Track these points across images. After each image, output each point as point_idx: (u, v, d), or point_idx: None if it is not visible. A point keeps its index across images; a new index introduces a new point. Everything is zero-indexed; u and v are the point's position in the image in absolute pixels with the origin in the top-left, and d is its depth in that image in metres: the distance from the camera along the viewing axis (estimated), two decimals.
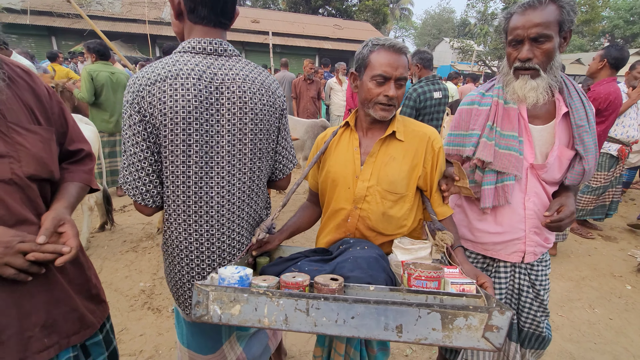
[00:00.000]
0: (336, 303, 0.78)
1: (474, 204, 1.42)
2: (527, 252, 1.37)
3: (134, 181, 1.03)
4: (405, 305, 0.76)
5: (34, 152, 0.88)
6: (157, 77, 0.98)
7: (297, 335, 2.27)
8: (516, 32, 1.19)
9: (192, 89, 0.99)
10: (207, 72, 1.02)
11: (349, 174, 1.26)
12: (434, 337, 0.77)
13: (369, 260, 1.03)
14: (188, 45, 1.04)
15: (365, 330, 0.78)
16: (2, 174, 0.81)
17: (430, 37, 44.04)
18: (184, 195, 1.06)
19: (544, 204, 1.35)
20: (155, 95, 0.97)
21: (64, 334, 0.96)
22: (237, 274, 0.88)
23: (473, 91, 1.43)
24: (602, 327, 2.47)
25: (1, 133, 0.83)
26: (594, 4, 22.66)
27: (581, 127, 1.24)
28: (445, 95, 3.23)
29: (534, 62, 1.19)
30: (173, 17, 1.07)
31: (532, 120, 1.30)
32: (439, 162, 1.28)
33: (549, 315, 1.47)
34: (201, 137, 1.02)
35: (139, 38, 14.43)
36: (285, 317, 0.80)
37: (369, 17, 25.08)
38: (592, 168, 1.28)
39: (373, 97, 1.18)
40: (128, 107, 0.99)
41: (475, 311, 0.75)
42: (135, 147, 1.00)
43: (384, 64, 1.14)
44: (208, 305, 0.82)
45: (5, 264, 0.79)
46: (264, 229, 1.16)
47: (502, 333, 0.75)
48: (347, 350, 1.26)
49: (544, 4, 1.15)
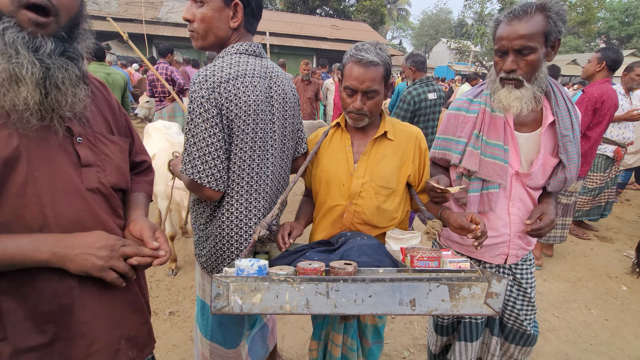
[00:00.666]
0: (354, 284, 0.83)
1: (461, 208, 1.44)
2: (510, 254, 1.41)
3: (210, 169, 1.11)
4: (417, 281, 0.84)
5: (116, 162, 0.91)
6: (230, 76, 1.11)
7: (294, 338, 2.27)
8: (501, 42, 1.19)
9: (258, 86, 1.17)
10: (262, 71, 1.21)
11: (342, 172, 1.31)
12: (443, 308, 0.85)
13: (372, 246, 1.09)
14: (242, 48, 1.19)
15: (382, 307, 0.84)
16: (90, 183, 0.83)
17: (428, 38, 44.20)
18: (248, 176, 1.20)
19: (528, 209, 1.38)
20: (231, 91, 1.11)
21: (141, 346, 0.96)
22: (256, 264, 0.91)
23: (462, 96, 1.45)
24: (598, 328, 2.49)
25: (89, 143, 0.84)
26: (590, 5, 22.84)
27: (566, 136, 1.27)
28: (440, 97, 3.25)
29: (517, 74, 1.20)
30: (228, 26, 1.17)
31: (519, 128, 1.32)
32: (426, 160, 1.38)
33: (536, 312, 1.51)
34: (264, 126, 1.21)
35: (136, 38, 14.37)
36: (307, 301, 0.84)
37: (367, 18, 25.12)
38: (573, 177, 1.32)
39: (346, 107, 1.27)
40: (204, 102, 1.08)
41: (477, 281, 0.84)
42: (213, 137, 1.10)
43: (352, 77, 1.20)
44: (229, 296, 0.84)
45: (110, 268, 0.80)
46: (264, 226, 1.18)
47: (500, 298, 0.85)
48: (344, 341, 1.32)
49: (530, 14, 1.14)
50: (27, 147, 0.73)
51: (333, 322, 1.35)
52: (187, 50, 15.24)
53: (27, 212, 0.74)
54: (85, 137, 0.84)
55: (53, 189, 0.76)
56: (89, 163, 0.83)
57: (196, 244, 1.34)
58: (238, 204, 1.21)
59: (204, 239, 1.28)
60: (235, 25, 1.17)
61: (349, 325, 1.32)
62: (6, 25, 0.66)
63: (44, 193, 0.75)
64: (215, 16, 1.13)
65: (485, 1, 25.58)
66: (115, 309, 0.89)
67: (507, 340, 1.54)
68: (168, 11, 16.62)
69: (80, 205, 0.80)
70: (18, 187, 0.72)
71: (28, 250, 0.71)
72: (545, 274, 3.16)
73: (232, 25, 1.17)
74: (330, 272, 0.93)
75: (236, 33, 1.20)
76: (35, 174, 0.74)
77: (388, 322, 2.44)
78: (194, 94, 1.09)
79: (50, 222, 0.76)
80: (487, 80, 1.38)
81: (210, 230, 1.25)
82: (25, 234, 0.73)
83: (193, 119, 1.10)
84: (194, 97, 1.09)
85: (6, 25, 0.66)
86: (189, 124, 1.11)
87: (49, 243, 0.74)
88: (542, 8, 1.14)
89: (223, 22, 1.15)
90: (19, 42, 0.67)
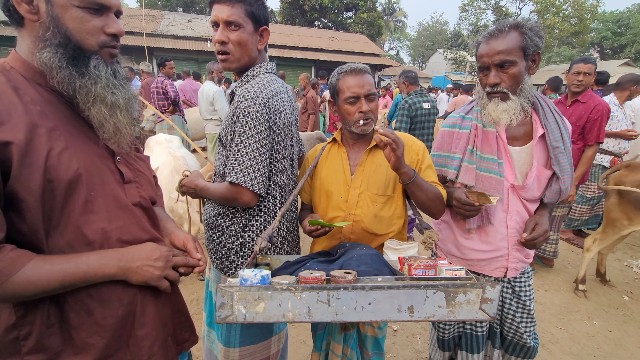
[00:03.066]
0: (354, 292, 0.85)
1: (459, 222, 1.47)
2: (510, 267, 1.43)
3: (260, 176, 1.22)
4: (415, 288, 0.86)
5: (148, 177, 1.00)
6: (272, 93, 1.25)
7: (296, 352, 2.24)
8: (482, 59, 1.27)
9: (287, 102, 1.34)
10: (284, 88, 1.36)
11: (341, 184, 1.36)
12: (440, 314, 0.87)
13: (371, 256, 1.12)
14: (270, 68, 1.35)
15: (382, 314, 0.86)
16: (133, 198, 0.90)
17: (425, 48, 44.85)
18: (282, 182, 1.35)
19: (525, 221, 1.40)
20: (276, 106, 1.25)
21: (180, 341, 1.03)
22: (259, 274, 0.92)
23: (454, 113, 1.49)
24: (601, 339, 2.47)
25: (125, 161, 0.92)
26: (583, 17, 23.29)
27: (556, 148, 1.31)
28: (433, 107, 3.57)
29: (502, 87, 1.25)
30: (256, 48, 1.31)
31: (512, 142, 1.36)
32: (425, 160, 1.36)
33: (535, 324, 1.52)
34: (292, 137, 1.38)
35: (136, 50, 14.54)
36: (308, 309, 0.85)
37: (364, 29, 25.53)
38: (568, 187, 1.35)
39: (351, 117, 1.31)
40: (258, 115, 1.19)
41: (472, 287, 0.87)
42: (264, 147, 1.22)
43: (352, 86, 1.29)
44: (233, 305, 0.85)
45: (165, 277, 0.87)
46: (265, 238, 1.20)
47: (494, 304, 0.88)
48: (344, 351, 1.34)
49: (505, 31, 1.22)
50: (84, 169, 0.78)
51: (333, 332, 1.36)
52: (187, 62, 15.42)
53: (88, 230, 0.79)
54: (122, 156, 0.92)
55: (108, 206, 0.82)
56: (129, 179, 0.91)
57: (223, 258, 1.35)
58: (273, 207, 1.34)
59: (237, 249, 1.34)
60: (262, 47, 1.32)
61: (349, 335, 1.33)
62: (96, 62, 0.80)
63: (101, 210, 0.81)
64: (249, 40, 1.26)
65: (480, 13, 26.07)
66: (165, 308, 0.96)
67: (507, 352, 1.55)
68: (168, 24, 16.87)
69: (131, 219, 0.87)
70: (80, 207, 0.77)
71: (97, 266, 0.77)
72: (547, 284, 3.15)
73: (259, 48, 1.31)
74: (331, 281, 0.95)
75: (260, 55, 1.33)
76: (92, 193, 0.79)
77: (390, 336, 2.42)
78: (248, 109, 1.18)
79: (110, 236, 0.82)
80: (475, 97, 1.42)
81: (245, 238, 1.33)
82: (91, 252, 0.79)
83: (246, 131, 1.19)
84: (248, 111, 1.18)
85: (96, 62, 0.80)
86: (240, 135, 1.19)
87: (113, 258, 0.80)
88: (516, 26, 1.22)
89: (253, 45, 1.28)
90: (110, 74, 0.81)
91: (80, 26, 0.76)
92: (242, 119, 1.19)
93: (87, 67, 0.78)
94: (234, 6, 1.20)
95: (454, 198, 1.32)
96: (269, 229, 1.23)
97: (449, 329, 1.55)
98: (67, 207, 0.76)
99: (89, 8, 0.76)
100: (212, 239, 1.37)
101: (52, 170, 0.72)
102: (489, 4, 25.65)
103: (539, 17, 24.40)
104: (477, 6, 26.00)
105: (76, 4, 0.75)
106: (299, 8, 25.22)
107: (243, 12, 1.21)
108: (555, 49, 28.90)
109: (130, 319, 0.86)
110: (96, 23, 0.78)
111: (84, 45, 0.78)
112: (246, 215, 1.32)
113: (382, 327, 1.40)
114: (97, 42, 0.79)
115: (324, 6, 24.61)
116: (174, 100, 5.01)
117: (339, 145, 1.43)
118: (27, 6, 0.74)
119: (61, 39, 0.75)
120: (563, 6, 23.30)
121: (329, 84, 1.38)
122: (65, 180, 0.74)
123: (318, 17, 25.74)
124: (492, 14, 24.75)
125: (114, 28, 0.81)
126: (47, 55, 0.75)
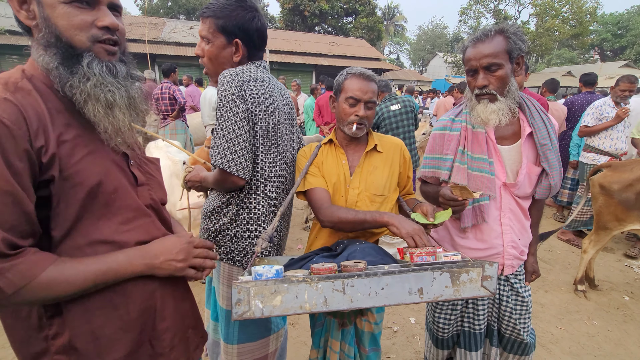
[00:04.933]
0: (368, 278, 0.89)
1: (455, 222, 1.50)
2: (506, 265, 1.46)
3: (238, 158, 1.22)
4: (423, 270, 0.92)
5: (158, 179, 1.02)
6: (251, 78, 1.25)
7: (297, 353, 2.27)
8: (470, 63, 1.31)
9: (274, 92, 1.34)
10: (274, 81, 1.39)
11: (340, 184, 1.41)
12: (447, 293, 0.93)
13: (374, 248, 1.18)
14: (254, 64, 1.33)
15: (394, 298, 0.90)
16: (145, 200, 0.91)
17: (425, 52, 44.99)
18: (270, 170, 1.36)
19: (518, 219, 1.45)
20: (253, 90, 1.24)
21: (200, 334, 1.06)
22: (273, 269, 0.95)
23: (444, 116, 1.54)
24: (601, 339, 2.48)
25: (137, 165, 0.94)
26: (582, 19, 23.33)
27: (544, 145, 1.35)
28: (405, 106, 3.71)
29: (490, 88, 1.30)
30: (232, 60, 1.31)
31: (501, 141, 1.40)
32: (410, 168, 1.51)
33: (531, 318, 1.56)
34: (281, 127, 1.37)
35: (139, 57, 14.66)
36: (325, 299, 0.88)
37: (364, 34, 25.70)
38: (557, 183, 1.40)
39: (347, 117, 1.36)
40: (234, 97, 1.19)
41: (473, 266, 0.95)
42: (241, 129, 1.21)
43: (356, 89, 1.34)
44: (250, 301, 0.87)
45: (190, 267, 0.92)
46: (265, 239, 1.23)
47: (494, 280, 0.95)
48: (342, 347, 1.38)
49: (491, 36, 1.27)
50: (104, 174, 0.80)
51: (331, 329, 1.40)
52: (189, 68, 15.56)
53: (108, 231, 0.81)
54: (134, 160, 0.93)
55: (126, 209, 0.84)
56: (142, 182, 0.92)
57: (220, 244, 1.40)
58: (264, 194, 1.36)
59: (232, 237, 1.38)
60: (237, 59, 1.31)
61: (346, 331, 1.37)
62: (89, 59, 0.76)
63: (120, 213, 0.83)
64: (220, 53, 1.29)
65: (480, 16, 26.18)
66: (184, 302, 0.99)
67: (505, 350, 1.57)
68: (170, 31, 17.06)
69: (146, 220, 0.90)
70: (100, 210, 0.79)
71: (126, 265, 0.81)
72: (547, 285, 3.16)
73: (235, 60, 1.31)
74: (343, 271, 0.98)
75: (241, 66, 1.32)
76: (112, 197, 0.81)
77: (390, 337, 2.44)
78: (224, 92, 1.19)
79: (128, 238, 0.84)
80: (464, 99, 1.46)
81: (238, 226, 1.36)
82: (118, 251, 0.81)
83: (223, 114, 1.20)
84: (224, 94, 1.19)
85: (89, 59, 0.76)
86: (218, 119, 1.21)
87: (138, 256, 0.84)
88: (501, 31, 1.27)
89: (227, 57, 1.30)
90: (105, 71, 0.77)
91: (68, 22, 0.74)
92: (219, 103, 1.21)
93: (80, 65, 0.75)
94: (204, 21, 1.27)
95: (440, 195, 1.35)
96: (268, 229, 1.26)
97: (448, 328, 1.57)
98: (89, 210, 0.78)
99: (77, 2, 0.74)
100: (207, 227, 1.41)
101: (77, 176, 0.75)
102: (488, 8, 25.76)
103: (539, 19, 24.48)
104: (477, 10, 26.11)
105: (62, 0, 0.73)
106: (299, 14, 25.45)
107: (213, 27, 1.25)
108: (555, 52, 28.93)
109: (152, 313, 0.88)
110: (85, 17, 0.75)
111: (74, 43, 0.75)
112: (238, 201, 1.34)
113: (378, 323, 1.43)
114: (88, 37, 0.75)
115: (324, 12, 24.82)
116: (182, 107, 5.12)
117: (336, 146, 1.47)
118: (24, 12, 0.75)
119: (53, 39, 0.74)
120: (562, 9, 23.38)
121: (336, 81, 1.42)
122: (88, 186, 0.76)
123: (318, 22, 25.95)
124: (492, 17, 24.85)
125: (106, 21, 0.76)
126: (43, 58, 0.75)
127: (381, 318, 1.47)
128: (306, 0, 24.53)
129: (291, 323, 2.54)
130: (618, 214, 2.71)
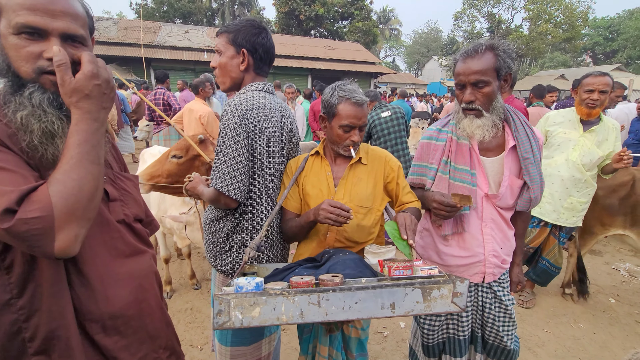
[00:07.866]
0: (342, 293, 0.93)
1: (439, 230, 1.54)
2: (487, 273, 1.50)
3: (237, 182, 1.32)
4: (395, 286, 0.96)
5: (134, 195, 1.04)
6: (254, 106, 1.35)
7: (288, 359, 2.28)
8: (459, 77, 1.35)
9: (274, 117, 1.42)
10: (276, 105, 1.46)
11: (325, 195, 1.44)
12: (418, 309, 0.96)
13: (355, 260, 1.20)
14: (260, 86, 1.45)
15: (367, 312, 0.94)
16: (117, 216, 0.94)
17: (420, 55, 45.35)
18: (267, 190, 1.46)
19: (500, 228, 1.48)
20: (256, 118, 1.35)
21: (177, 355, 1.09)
22: (253, 282, 0.99)
23: (432, 126, 1.58)
24: (586, 342, 2.53)
25: (111, 181, 0.97)
26: (574, 23, 23.69)
27: (527, 159, 1.39)
28: (395, 112, 3.80)
29: (476, 104, 1.34)
30: (238, 69, 1.42)
31: (485, 153, 1.44)
32: (401, 178, 1.48)
33: (516, 327, 1.59)
34: (278, 151, 1.47)
35: (134, 61, 14.71)
36: (301, 311, 0.92)
37: (360, 38, 25.88)
38: (537, 196, 1.43)
39: (342, 142, 1.40)
40: (236, 127, 1.30)
41: (444, 283, 0.97)
42: (241, 156, 1.32)
43: (351, 116, 1.35)
44: (230, 312, 0.91)
45: None
46: (253, 247, 1.27)
47: (464, 297, 0.98)
48: (330, 353, 1.41)
49: (481, 52, 1.30)
50: None
51: (319, 335, 1.43)
52: (185, 72, 15.59)
53: None
54: (107, 176, 0.95)
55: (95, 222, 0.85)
56: (114, 198, 0.95)
57: (216, 256, 1.48)
58: (259, 212, 1.45)
59: (227, 249, 1.46)
60: (243, 67, 1.42)
61: (334, 337, 1.41)
62: (32, 90, 0.78)
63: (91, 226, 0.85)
64: (229, 62, 1.42)
65: (474, 20, 26.49)
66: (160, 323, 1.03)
67: (489, 356, 1.60)
68: (166, 35, 17.07)
69: (115, 234, 0.93)
70: None
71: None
72: (535, 288, 3.20)
73: (241, 68, 1.42)
74: (320, 284, 1.02)
75: (247, 75, 1.44)
76: None
77: (380, 341, 2.47)
78: (227, 121, 1.30)
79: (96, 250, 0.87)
80: (452, 111, 1.51)
81: (234, 240, 1.45)
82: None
83: (225, 141, 1.31)
84: (227, 123, 1.30)
85: (32, 90, 0.78)
86: (220, 145, 1.32)
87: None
88: (491, 47, 1.30)
89: (234, 66, 1.42)
90: (45, 103, 0.78)
91: (16, 53, 0.76)
92: (222, 131, 1.32)
93: (21, 95, 0.77)
94: (220, 37, 1.44)
95: (433, 200, 1.38)
96: (256, 238, 1.30)
97: (434, 335, 1.61)
98: None
99: (26, 33, 0.75)
100: (207, 239, 1.50)
101: None
102: (482, 12, 26.07)
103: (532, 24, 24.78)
104: (471, 14, 26.42)
105: (12, 31, 0.75)
106: (295, 18, 25.58)
107: (225, 40, 1.41)
108: (548, 55, 29.31)
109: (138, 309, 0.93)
110: (32, 49, 0.76)
111: (20, 73, 0.77)
112: (233, 219, 1.43)
113: (364, 329, 1.47)
114: (34, 69, 0.77)
115: (319, 16, 24.98)
116: (177, 113, 5.15)
117: (322, 158, 1.51)
118: None
119: (5, 67, 0.77)
120: (555, 13, 23.72)
121: (327, 101, 1.39)
122: None
123: (314, 26, 26.10)
124: (485, 21, 25.14)
125: (51, 52, 0.76)
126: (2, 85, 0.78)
127: (367, 324, 1.51)
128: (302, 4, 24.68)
129: (283, 329, 2.56)
130: (603, 219, 2.77)
